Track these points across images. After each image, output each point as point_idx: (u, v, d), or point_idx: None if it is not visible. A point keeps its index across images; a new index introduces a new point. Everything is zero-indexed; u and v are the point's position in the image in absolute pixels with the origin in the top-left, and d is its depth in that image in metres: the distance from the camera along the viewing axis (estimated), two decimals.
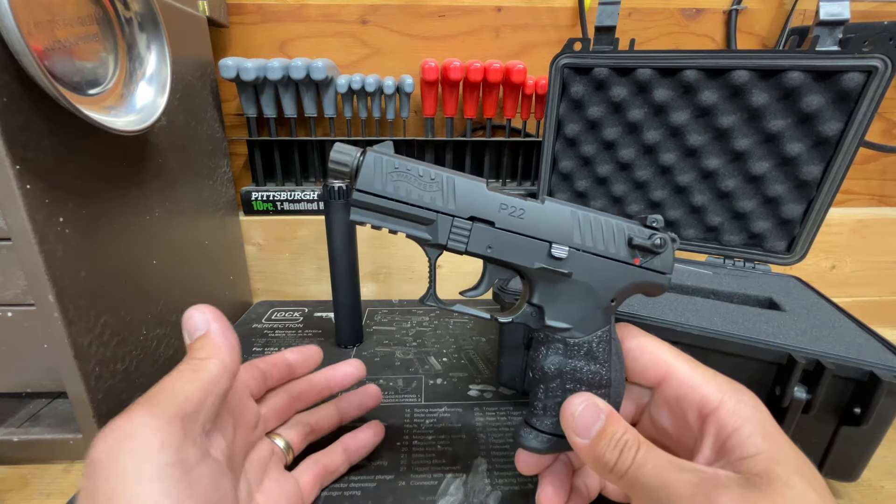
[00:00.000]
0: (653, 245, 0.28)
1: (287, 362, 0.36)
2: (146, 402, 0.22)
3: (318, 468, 0.34)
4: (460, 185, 0.27)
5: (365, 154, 0.27)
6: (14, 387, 0.38)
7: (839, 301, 0.44)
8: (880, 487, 0.39)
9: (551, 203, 0.28)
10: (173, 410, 0.22)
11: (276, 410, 0.34)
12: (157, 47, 0.41)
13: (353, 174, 0.27)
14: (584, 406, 0.26)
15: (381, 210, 0.27)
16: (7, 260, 0.32)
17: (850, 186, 0.78)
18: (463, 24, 0.66)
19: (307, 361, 0.37)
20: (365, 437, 0.37)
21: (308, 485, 0.33)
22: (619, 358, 0.29)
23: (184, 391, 0.23)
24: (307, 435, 0.35)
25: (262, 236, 0.68)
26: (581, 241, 0.28)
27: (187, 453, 0.22)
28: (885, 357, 0.34)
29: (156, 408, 0.22)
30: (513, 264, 0.28)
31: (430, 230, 0.27)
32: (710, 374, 0.27)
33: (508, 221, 0.27)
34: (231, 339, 0.27)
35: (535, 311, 0.29)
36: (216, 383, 0.25)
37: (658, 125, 0.51)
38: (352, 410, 0.39)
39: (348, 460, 0.36)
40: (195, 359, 0.25)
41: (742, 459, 0.22)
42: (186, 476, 0.21)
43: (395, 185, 0.26)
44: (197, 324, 0.27)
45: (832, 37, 0.43)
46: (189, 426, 0.22)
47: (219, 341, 0.26)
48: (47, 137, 0.32)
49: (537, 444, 0.29)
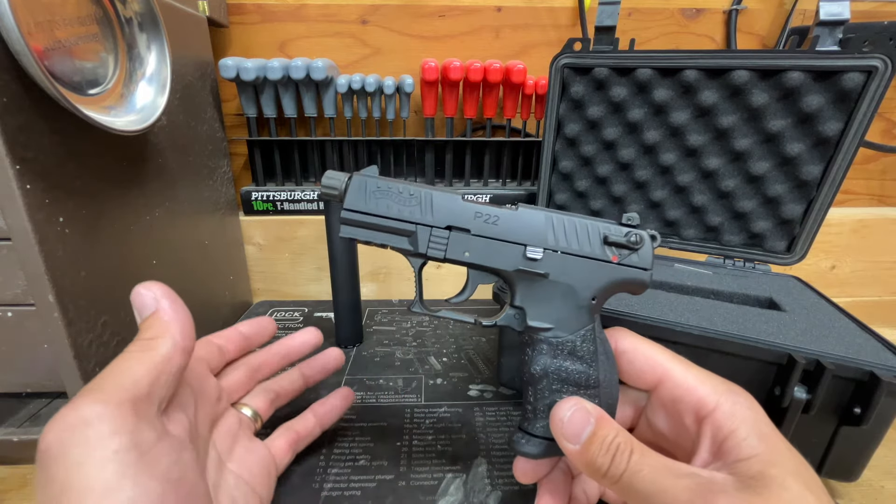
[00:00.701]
0: (628, 241, 0.29)
1: (242, 335, 0.36)
2: (93, 389, 0.22)
3: (290, 434, 0.35)
4: (437, 198, 0.29)
5: (351, 178, 0.30)
6: (14, 387, 0.38)
7: (839, 301, 0.44)
8: (880, 487, 0.39)
9: (525, 209, 0.30)
10: (122, 394, 0.21)
11: (238, 382, 0.35)
12: (157, 47, 0.41)
13: (341, 196, 0.30)
14: (574, 410, 0.25)
15: (367, 226, 0.30)
16: (7, 260, 0.32)
17: (850, 186, 0.78)
18: (463, 24, 0.66)
19: (261, 332, 0.38)
20: (334, 402, 0.39)
21: (281, 450, 0.34)
22: (609, 359, 0.29)
23: (132, 373, 0.23)
24: (273, 401, 0.36)
25: (262, 236, 0.68)
26: (555, 242, 0.29)
27: (142, 435, 0.21)
28: (885, 357, 0.34)
29: (103, 393, 0.21)
30: (491, 268, 0.30)
31: (412, 241, 0.30)
32: (706, 376, 0.27)
33: (483, 228, 0.29)
34: (182, 315, 0.26)
35: (518, 313, 0.30)
36: (168, 363, 0.24)
37: (658, 125, 0.51)
38: (315, 374, 0.40)
39: (320, 424, 0.38)
40: (144, 338, 0.24)
41: (738, 462, 0.22)
42: (143, 458, 0.21)
43: (378, 202, 0.29)
44: (145, 302, 0.26)
45: (832, 37, 0.43)
46: (142, 408, 0.22)
47: (167, 318, 0.25)
48: (47, 137, 0.32)
49: (531, 449, 0.29)
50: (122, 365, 0.23)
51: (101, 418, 0.20)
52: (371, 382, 0.49)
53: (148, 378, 0.23)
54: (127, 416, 0.21)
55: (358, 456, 0.39)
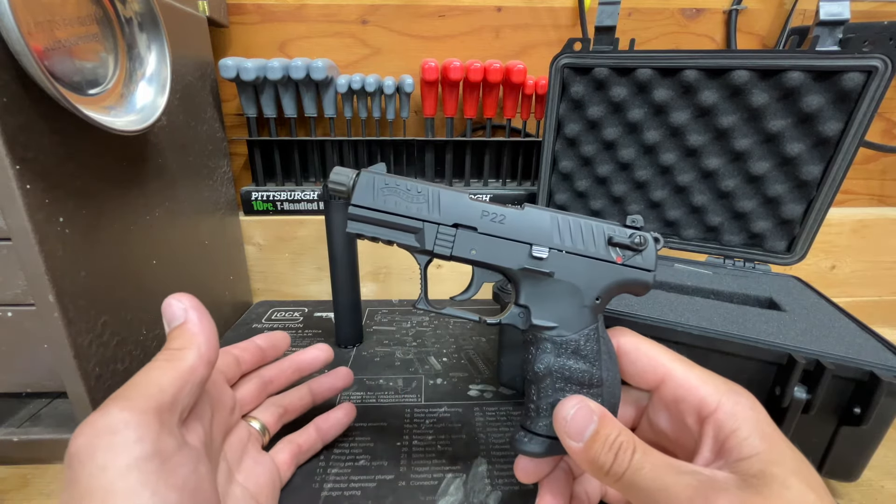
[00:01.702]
0: (632, 243, 0.29)
1: (258, 347, 0.37)
2: (121, 396, 0.22)
3: (293, 447, 0.36)
4: (444, 196, 0.30)
5: (359, 174, 0.30)
6: (14, 387, 0.38)
7: (839, 301, 0.44)
8: (880, 487, 0.39)
9: (531, 209, 0.30)
10: (148, 403, 0.22)
11: (251, 394, 0.35)
12: (157, 47, 0.41)
13: (349, 192, 0.30)
14: (577, 409, 0.26)
15: (374, 221, 0.30)
16: (7, 260, 0.32)
17: (850, 186, 0.78)
18: (463, 24, 0.66)
19: (276, 346, 0.39)
20: (337, 417, 0.39)
21: (284, 463, 0.35)
22: (612, 359, 0.29)
23: (159, 382, 0.23)
24: (281, 416, 0.37)
25: (262, 236, 0.68)
26: (561, 242, 0.29)
27: (164, 444, 0.22)
28: (885, 357, 0.34)
29: (130, 401, 0.22)
30: (497, 266, 0.30)
31: (418, 237, 0.30)
32: (708, 376, 0.27)
33: (490, 227, 0.30)
34: (208, 328, 0.27)
35: (523, 312, 0.30)
36: (192, 373, 0.25)
37: (658, 125, 0.51)
38: (323, 392, 0.40)
39: (322, 439, 0.38)
40: (172, 349, 0.25)
41: (740, 461, 0.22)
42: (164, 466, 0.21)
43: (386, 199, 0.29)
44: (175, 313, 0.27)
45: (832, 37, 0.43)
46: (165, 417, 0.23)
47: (195, 330, 0.26)
48: (47, 137, 0.32)
49: (533, 448, 0.29)
50: (151, 374, 0.24)
51: (127, 425, 0.21)
52: (371, 382, 0.49)
53: (173, 388, 0.24)
54: (151, 424, 0.22)
55: (358, 456, 0.39)
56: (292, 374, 0.39)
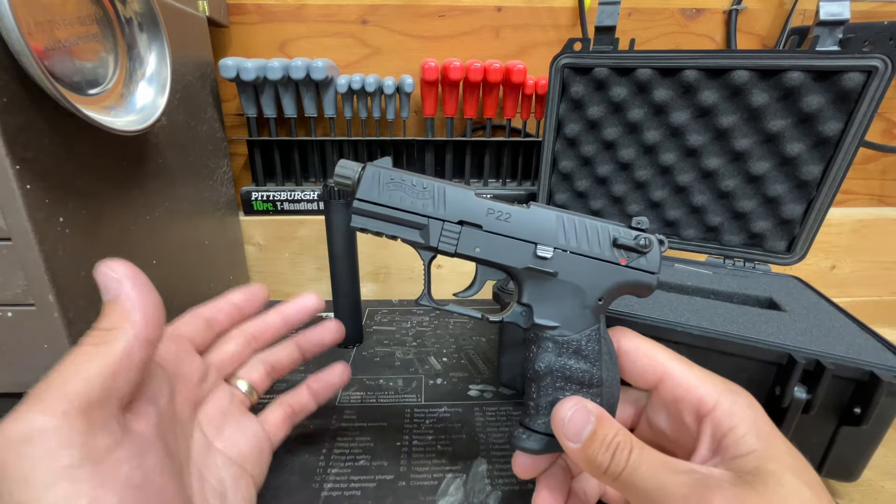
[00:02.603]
0: (637, 245, 0.29)
1: (233, 305, 0.35)
2: (37, 396, 0.19)
3: (285, 408, 0.35)
4: (450, 192, 0.29)
5: (365, 168, 0.29)
6: (14, 387, 0.38)
7: (839, 301, 0.44)
8: (880, 487, 0.39)
9: (537, 208, 0.30)
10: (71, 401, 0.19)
11: (232, 354, 0.33)
12: (157, 47, 0.41)
13: (354, 186, 0.30)
14: (574, 410, 0.26)
15: (379, 216, 0.30)
16: (7, 260, 0.32)
17: (850, 186, 0.78)
18: (463, 24, 0.66)
19: (252, 300, 0.36)
20: (330, 377, 0.38)
21: (276, 424, 0.34)
22: (612, 359, 0.29)
23: (84, 375, 0.20)
24: (269, 373, 0.35)
25: (262, 236, 0.68)
26: (565, 242, 0.29)
27: (96, 444, 0.19)
28: (885, 357, 0.34)
29: (47, 402, 0.19)
30: (501, 265, 0.30)
31: (423, 234, 0.30)
32: (707, 376, 0.27)
33: (495, 225, 0.29)
34: (147, 299, 0.23)
35: (525, 311, 0.30)
36: (127, 357, 0.21)
37: (658, 125, 0.51)
38: (312, 347, 0.38)
39: (315, 399, 0.37)
40: (101, 329, 0.22)
41: (736, 458, 0.22)
42: (98, 468, 0.19)
43: (391, 193, 0.29)
44: (107, 284, 0.22)
45: (832, 37, 0.43)
46: (95, 413, 0.20)
47: (129, 306, 0.22)
48: (47, 137, 0.32)
49: (531, 445, 0.29)
50: (74, 364, 0.20)
51: (44, 432, 0.18)
52: (371, 382, 0.49)
53: (102, 378, 0.20)
54: (76, 424, 0.19)
55: (358, 456, 0.39)
56: (279, 328, 0.36)
